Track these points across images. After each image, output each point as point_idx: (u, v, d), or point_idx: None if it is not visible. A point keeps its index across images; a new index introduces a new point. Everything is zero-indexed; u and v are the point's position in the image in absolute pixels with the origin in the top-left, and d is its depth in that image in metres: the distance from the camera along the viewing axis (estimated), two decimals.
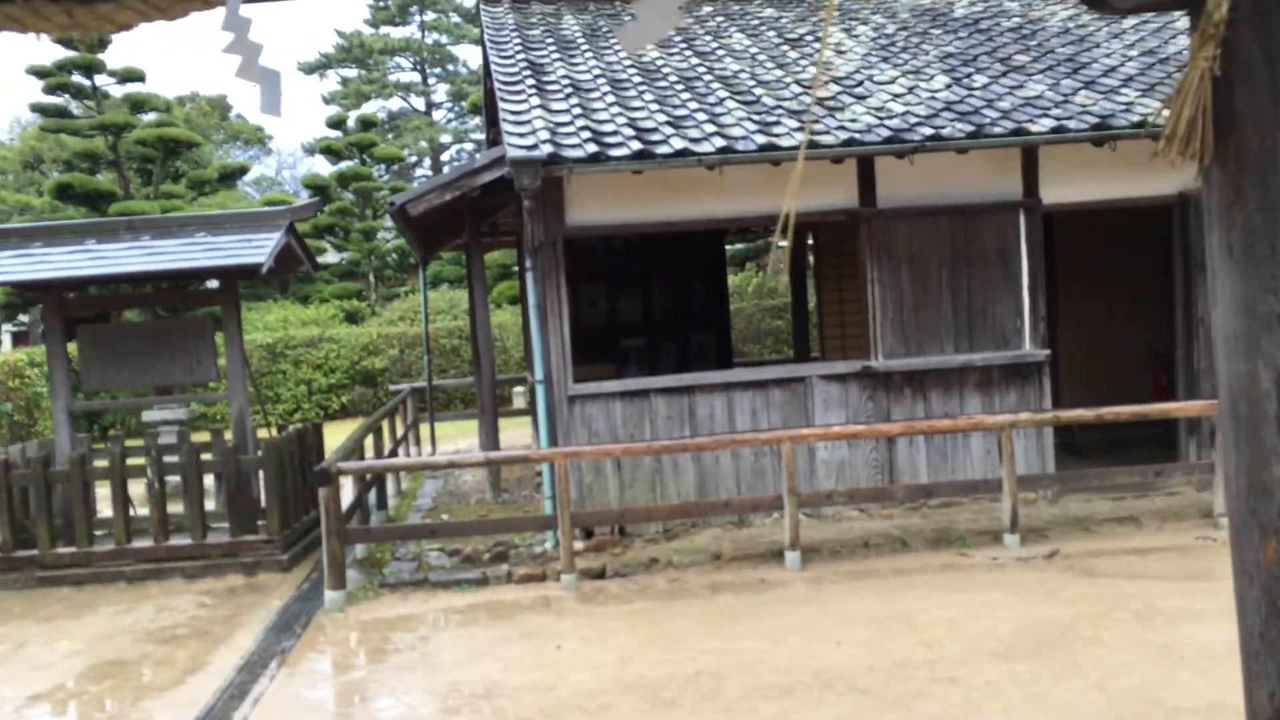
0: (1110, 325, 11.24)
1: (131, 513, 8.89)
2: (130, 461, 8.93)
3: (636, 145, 7.80)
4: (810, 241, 13.74)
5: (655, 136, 7.96)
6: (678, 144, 7.82)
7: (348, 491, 9.42)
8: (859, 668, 5.64)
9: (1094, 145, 8.35)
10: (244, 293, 29.65)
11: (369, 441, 11.02)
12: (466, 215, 10.45)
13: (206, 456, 9.22)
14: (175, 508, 9.33)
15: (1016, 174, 8.71)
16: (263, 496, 8.99)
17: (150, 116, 24.30)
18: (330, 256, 30.05)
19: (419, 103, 44.47)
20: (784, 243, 3.34)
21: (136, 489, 9.51)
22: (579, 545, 8.34)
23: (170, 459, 8.98)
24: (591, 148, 7.76)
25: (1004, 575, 7.21)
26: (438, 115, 44.36)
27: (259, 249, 8.74)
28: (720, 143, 7.84)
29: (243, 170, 25.34)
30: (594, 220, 8.46)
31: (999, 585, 6.98)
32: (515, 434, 16.41)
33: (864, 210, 8.60)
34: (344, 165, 27.56)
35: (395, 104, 44.36)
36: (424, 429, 14.68)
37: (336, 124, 29.43)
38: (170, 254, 8.80)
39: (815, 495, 7.85)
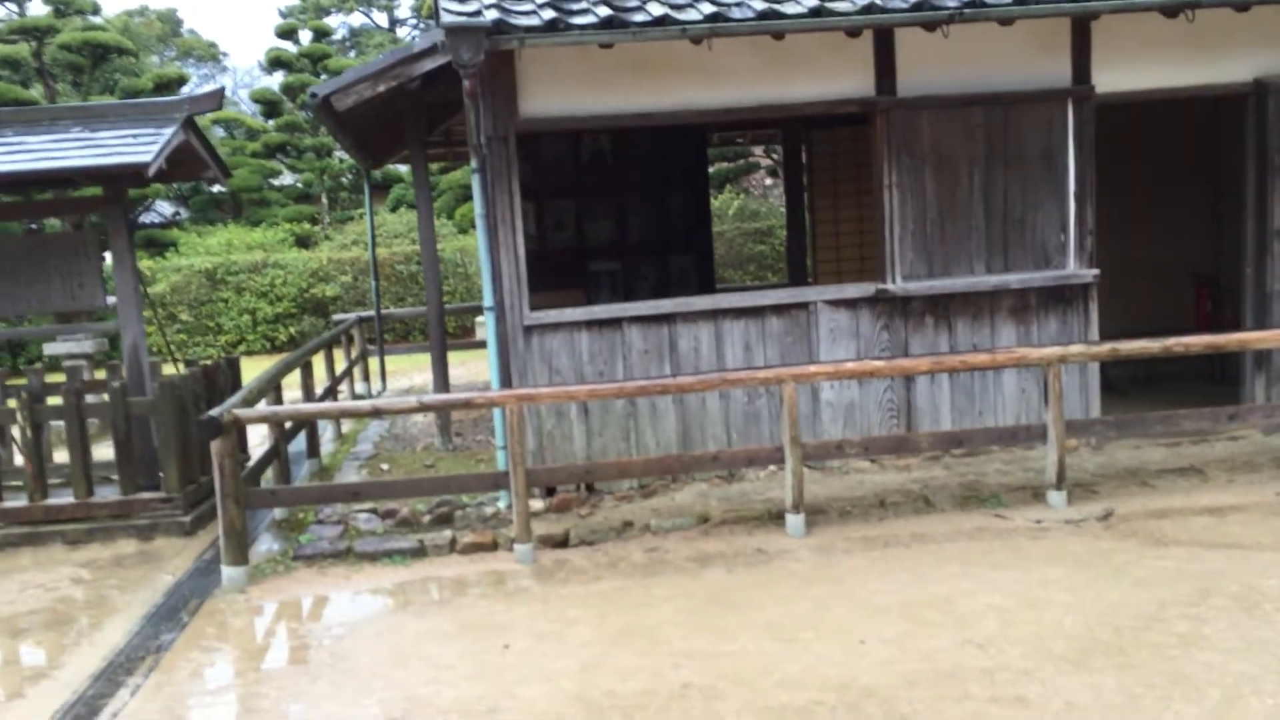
0: (1148, 242, 9.83)
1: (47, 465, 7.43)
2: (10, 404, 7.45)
3: (604, 11, 6.24)
4: (804, 149, 12.21)
5: (628, 1, 6.39)
6: (656, 10, 6.26)
7: (264, 440, 7.99)
8: (895, 679, 4.31)
9: (1165, 15, 6.85)
10: (194, 216, 27.99)
11: (295, 379, 9.54)
12: (408, 114, 8.86)
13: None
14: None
15: (1065, 54, 7.21)
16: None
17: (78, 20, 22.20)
18: (287, 178, 28.21)
19: (382, 18, 42.08)
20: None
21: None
22: (538, 505, 6.97)
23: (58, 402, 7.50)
24: (548, 14, 6.19)
25: (1054, 544, 5.89)
26: (402, 32, 41.99)
27: (146, 146, 7.14)
28: (709, 9, 6.28)
29: (181, 80, 23.29)
30: (553, 111, 6.91)
31: (1052, 558, 5.65)
32: (477, 368, 14.96)
33: (882, 99, 7.09)
34: (295, 77, 25.55)
35: (357, 19, 41.97)
36: (375, 363, 13.20)
37: (287, 33, 27.31)
38: (36, 152, 7.19)
39: (823, 446, 6.48)
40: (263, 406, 6.98)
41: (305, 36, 28.33)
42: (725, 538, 6.40)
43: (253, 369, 9.37)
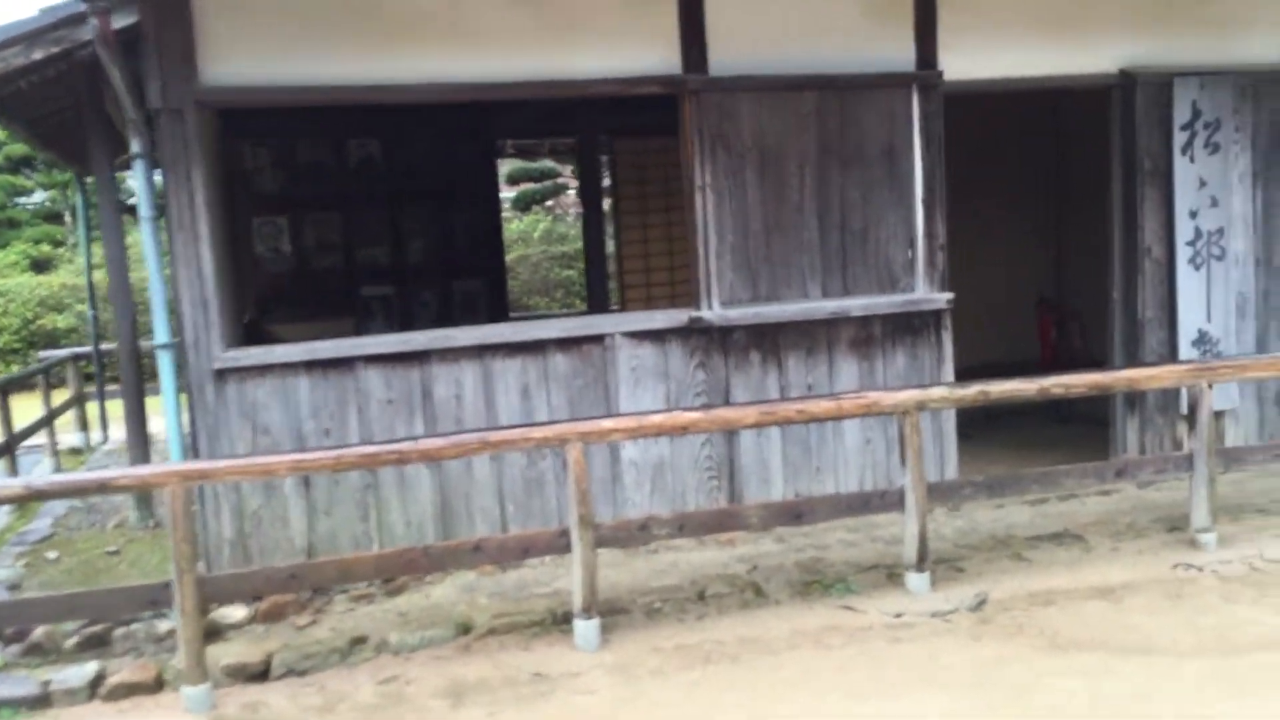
0: (991, 259, 8.79)
1: None
2: None
3: None
4: (608, 160, 10.72)
5: None
6: None
7: None
8: None
9: None
10: None
11: None
12: (85, 96, 6.77)
13: None
14: None
15: (908, 32, 5.93)
16: None
17: None
18: (39, 196, 24.78)
19: None
20: None
21: None
22: (239, 615, 5.07)
23: None
24: None
25: (923, 651, 4.46)
26: None
27: None
28: None
29: None
30: (251, 78, 5.07)
31: (923, 675, 4.21)
32: None
33: (690, 78, 5.60)
34: None
35: None
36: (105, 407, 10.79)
37: None
38: None
39: (622, 527, 4.85)
40: None
41: None
42: (493, 656, 4.67)
43: None
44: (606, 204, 11.01)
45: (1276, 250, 6.48)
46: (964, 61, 5.99)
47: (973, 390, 5.12)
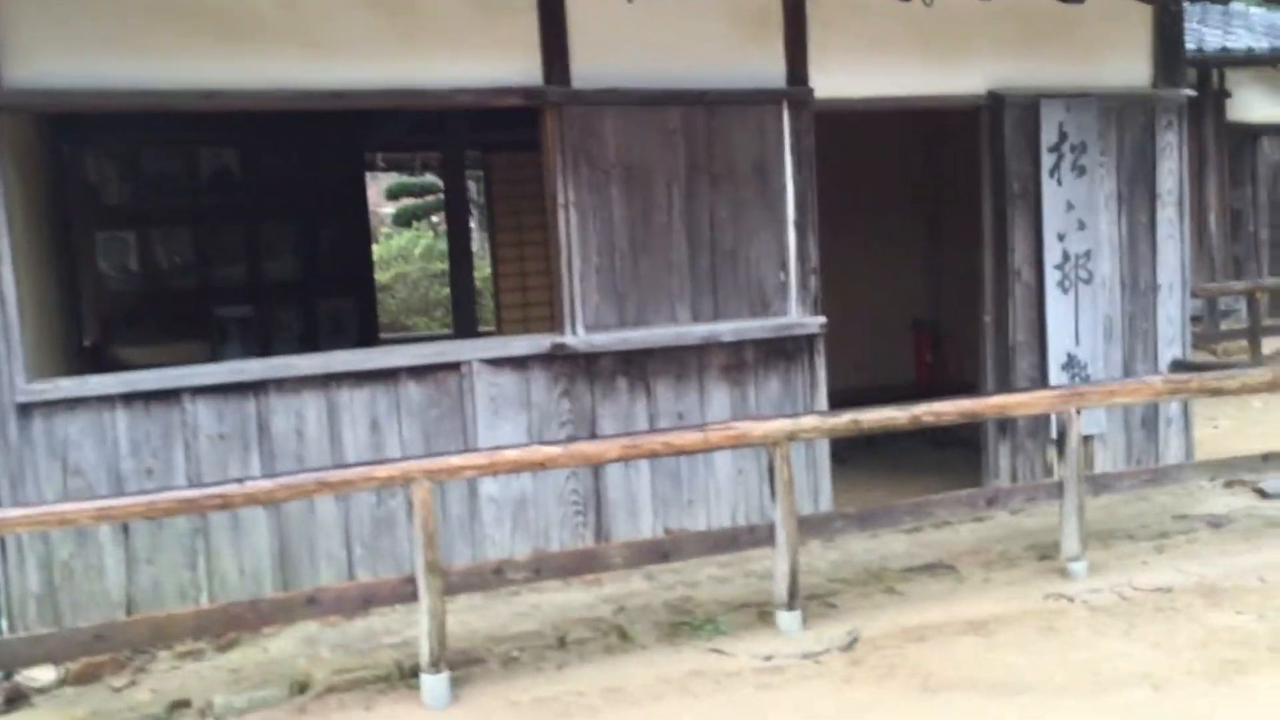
0: (866, 280, 8.73)
1: None
2: None
3: None
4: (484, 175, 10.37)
5: None
6: None
7: None
8: None
9: None
10: None
11: None
12: None
13: None
14: None
15: (778, 48, 5.76)
16: None
17: None
18: None
19: None
20: None
21: None
22: (47, 677, 4.53)
23: None
24: None
25: (794, 697, 4.23)
26: None
27: None
28: None
29: None
30: (63, 80, 4.58)
31: None
32: None
33: (552, 90, 5.31)
34: None
35: None
36: None
37: None
38: None
39: (475, 572, 4.50)
40: None
41: None
42: (330, 718, 4.26)
43: None
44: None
45: (1141, 273, 6.52)
46: (835, 79, 5.85)
47: (844, 419, 4.93)
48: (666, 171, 5.50)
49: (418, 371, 5.18)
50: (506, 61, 5.28)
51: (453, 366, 5.24)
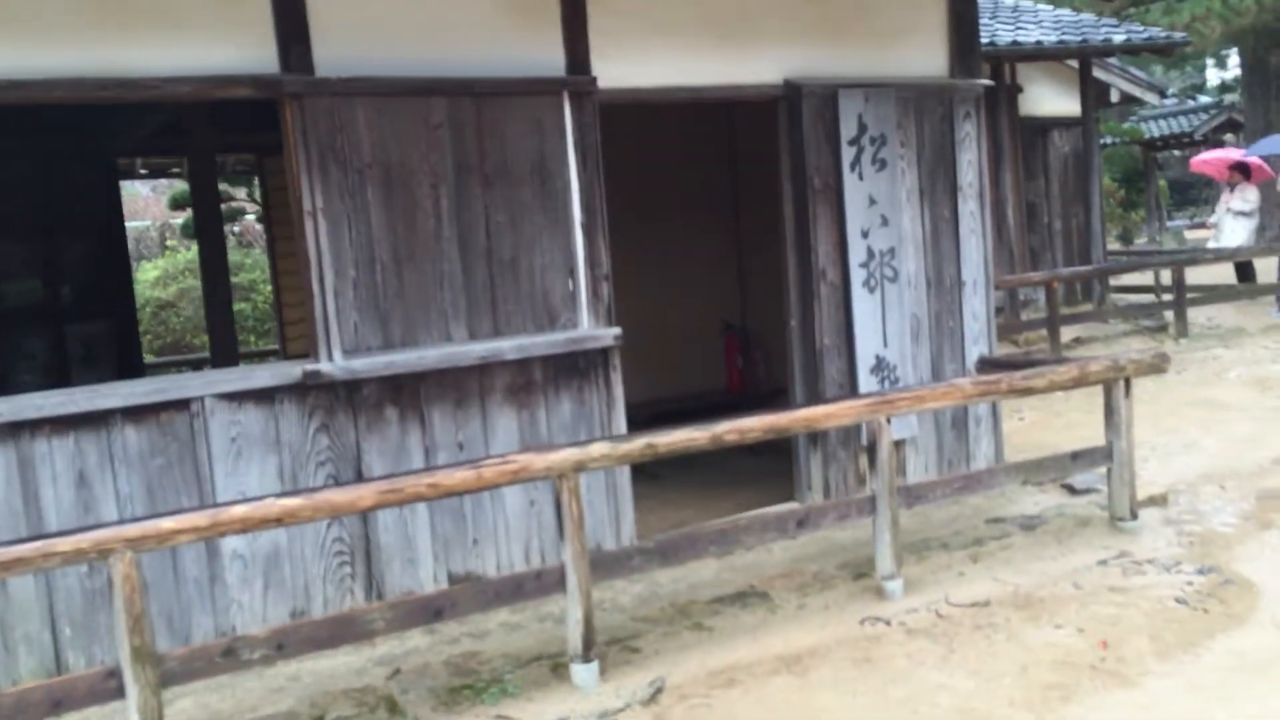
0: (675, 283, 8.31)
1: None
2: None
3: None
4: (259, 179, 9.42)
5: None
6: None
7: None
8: None
9: None
10: None
11: None
12: None
13: None
14: None
15: (556, 31, 5.19)
16: None
17: None
18: None
19: None
20: None
21: None
22: None
23: None
24: None
25: None
26: None
27: None
28: None
29: None
30: None
31: None
32: None
33: (291, 79, 4.57)
34: None
35: None
36: None
37: None
38: None
39: (198, 655, 3.72)
40: None
41: None
42: None
43: None
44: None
45: (946, 269, 6.29)
46: (621, 68, 5.33)
47: (639, 444, 4.41)
48: (432, 172, 4.85)
49: (136, 413, 4.34)
50: (235, 46, 4.51)
51: (180, 405, 4.43)
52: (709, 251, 8.48)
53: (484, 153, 4.96)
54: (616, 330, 5.29)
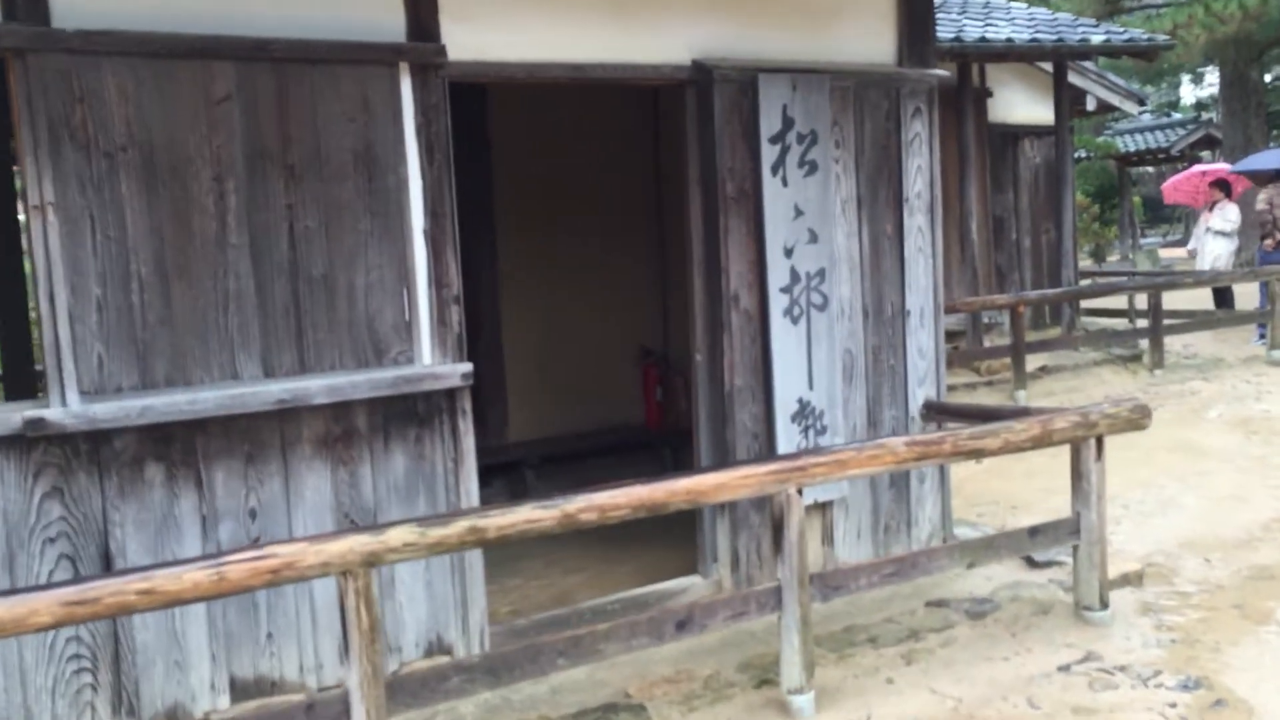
0: (584, 305, 7.23)
1: None
2: None
3: None
4: None
5: None
6: None
7: None
8: None
9: None
10: None
11: None
12: None
13: None
14: None
15: None
16: None
17: None
18: None
19: None
20: None
21: None
22: None
23: None
24: None
25: None
26: None
27: None
28: None
29: None
30: None
31: None
32: None
33: (12, 29, 3.45)
34: None
35: None
36: None
37: None
38: None
39: None
40: None
41: None
42: None
43: None
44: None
45: (887, 296, 5.24)
46: (480, 36, 4.24)
47: (458, 528, 3.31)
48: (215, 160, 3.73)
49: None
50: None
51: None
52: (629, 263, 7.40)
53: (288, 137, 3.84)
54: (466, 367, 4.19)
